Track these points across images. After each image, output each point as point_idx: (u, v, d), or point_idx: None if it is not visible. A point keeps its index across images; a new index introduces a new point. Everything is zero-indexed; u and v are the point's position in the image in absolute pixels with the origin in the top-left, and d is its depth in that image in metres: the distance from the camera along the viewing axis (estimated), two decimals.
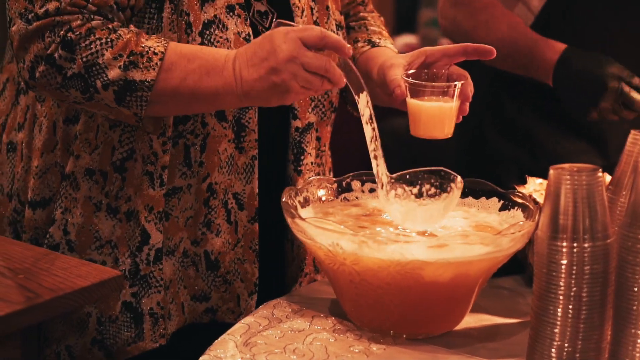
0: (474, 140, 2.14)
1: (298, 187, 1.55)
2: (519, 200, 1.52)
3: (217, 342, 1.39)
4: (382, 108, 1.67)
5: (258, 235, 1.63)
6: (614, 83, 1.90)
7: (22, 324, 1.37)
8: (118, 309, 1.57)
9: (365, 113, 1.51)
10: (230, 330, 1.42)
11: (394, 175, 1.55)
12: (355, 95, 1.50)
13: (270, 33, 1.44)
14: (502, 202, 1.55)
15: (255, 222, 1.62)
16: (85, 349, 1.59)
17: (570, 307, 1.20)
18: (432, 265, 1.35)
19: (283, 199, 1.47)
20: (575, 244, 1.19)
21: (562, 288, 1.20)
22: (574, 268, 1.19)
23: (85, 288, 1.42)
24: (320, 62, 1.43)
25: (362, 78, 1.51)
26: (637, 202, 1.20)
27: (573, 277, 1.19)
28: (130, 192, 1.56)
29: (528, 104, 2.09)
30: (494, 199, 1.56)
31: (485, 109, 2.10)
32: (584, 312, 1.20)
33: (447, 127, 1.54)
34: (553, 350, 1.22)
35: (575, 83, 1.95)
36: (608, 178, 1.50)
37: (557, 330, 1.21)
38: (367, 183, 1.61)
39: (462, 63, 1.60)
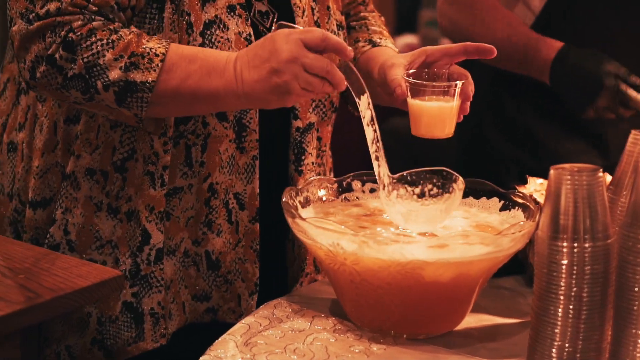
0: (474, 140, 2.14)
1: (298, 187, 1.55)
2: (520, 201, 1.52)
3: (217, 342, 1.39)
4: (383, 108, 1.67)
5: (259, 235, 1.63)
6: (611, 81, 1.90)
7: (22, 324, 1.37)
8: (118, 309, 1.57)
9: (367, 115, 1.51)
10: (231, 330, 1.42)
11: (396, 176, 1.55)
12: (356, 98, 1.50)
13: (272, 35, 1.44)
14: (502, 202, 1.55)
15: (256, 222, 1.62)
16: (85, 349, 1.59)
17: (571, 307, 1.20)
18: (432, 265, 1.34)
19: (283, 199, 1.47)
20: (576, 244, 1.19)
21: (562, 288, 1.20)
22: (575, 268, 1.19)
23: (86, 288, 1.41)
24: (322, 63, 1.43)
25: (363, 80, 1.51)
26: (637, 202, 1.20)
27: (573, 277, 1.19)
28: (131, 192, 1.56)
29: (528, 104, 2.09)
30: (495, 199, 1.56)
31: (486, 108, 2.10)
32: (585, 312, 1.20)
33: (448, 126, 1.54)
34: (553, 351, 1.22)
35: (572, 81, 1.95)
36: (609, 178, 1.50)
37: (557, 331, 1.21)
38: (367, 183, 1.61)
39: (462, 62, 1.60)
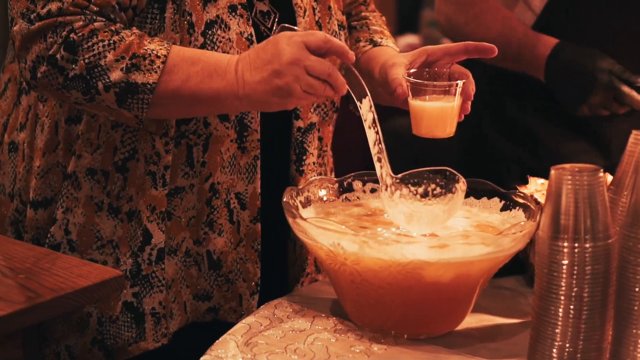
0: (475, 140, 2.14)
1: (299, 187, 1.55)
2: (521, 201, 1.52)
3: (218, 342, 1.39)
4: (384, 108, 1.67)
5: (260, 235, 1.63)
6: (605, 77, 1.90)
7: (23, 324, 1.37)
8: (118, 309, 1.57)
9: (368, 118, 1.51)
10: (232, 330, 1.42)
11: (399, 176, 1.55)
12: (358, 102, 1.50)
13: (274, 37, 1.45)
14: (503, 202, 1.55)
15: (258, 222, 1.62)
16: (85, 349, 1.59)
17: (572, 307, 1.20)
18: (433, 266, 1.34)
19: (284, 199, 1.47)
20: (577, 244, 1.19)
21: (563, 288, 1.20)
22: (575, 268, 1.19)
23: (86, 288, 1.42)
24: (324, 66, 1.43)
25: (364, 83, 1.51)
26: (638, 202, 1.20)
27: (574, 277, 1.19)
28: (132, 192, 1.56)
29: (529, 103, 2.09)
30: (496, 199, 1.56)
31: (487, 108, 2.10)
32: (585, 312, 1.20)
33: (449, 126, 1.54)
34: (554, 351, 1.21)
35: (566, 77, 1.95)
36: (610, 178, 1.50)
37: (558, 331, 1.21)
38: (368, 183, 1.61)
39: (463, 62, 1.60)
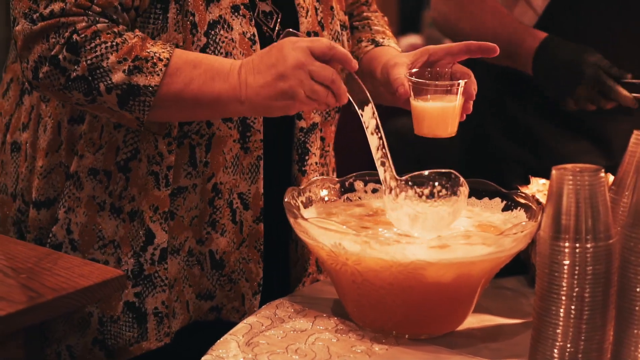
0: (477, 139, 2.13)
1: (301, 187, 1.55)
2: (522, 201, 1.52)
3: (219, 342, 1.39)
4: (386, 108, 1.67)
5: (263, 235, 1.63)
6: (591, 70, 1.90)
7: (24, 324, 1.37)
8: (120, 309, 1.57)
9: (371, 124, 1.51)
10: (233, 330, 1.42)
11: (403, 178, 1.54)
12: (359, 110, 1.51)
13: (279, 42, 1.46)
14: (505, 202, 1.55)
15: (260, 222, 1.62)
16: (86, 349, 1.59)
17: (573, 307, 1.20)
18: (434, 266, 1.34)
19: (285, 199, 1.47)
20: (578, 245, 1.19)
21: (564, 288, 1.20)
22: (577, 268, 1.19)
23: (88, 288, 1.42)
24: (327, 72, 1.44)
25: (366, 87, 1.51)
26: (639, 202, 1.20)
27: (575, 277, 1.19)
28: (134, 192, 1.57)
29: (531, 103, 2.08)
30: (497, 199, 1.56)
31: (488, 108, 2.10)
32: (586, 312, 1.20)
33: (450, 125, 1.54)
34: (555, 351, 1.21)
35: (553, 69, 1.95)
36: (611, 178, 1.50)
37: (559, 331, 1.21)
38: (370, 183, 1.61)
39: (465, 61, 1.60)
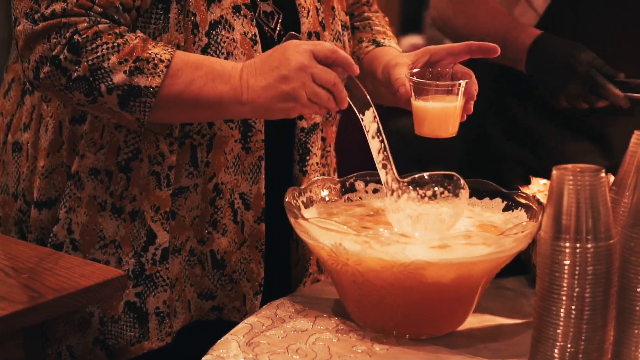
0: (478, 139, 2.14)
1: (301, 187, 1.55)
2: (523, 201, 1.52)
3: (220, 342, 1.39)
4: (387, 108, 1.67)
5: (264, 236, 1.63)
6: (583, 68, 1.90)
7: (25, 324, 1.37)
8: (121, 309, 1.58)
9: (372, 128, 1.51)
10: (233, 330, 1.43)
11: (406, 180, 1.54)
12: (360, 114, 1.51)
13: (282, 45, 1.46)
14: (505, 202, 1.55)
15: (262, 222, 1.63)
16: (87, 349, 1.59)
17: (573, 307, 1.20)
18: (434, 266, 1.34)
19: (286, 199, 1.47)
20: (578, 245, 1.19)
21: (564, 289, 1.20)
22: (577, 269, 1.19)
23: (89, 288, 1.42)
24: (329, 76, 1.45)
25: (367, 94, 1.52)
26: (639, 202, 1.20)
27: (576, 277, 1.19)
28: (135, 192, 1.57)
29: (531, 103, 2.08)
30: (498, 200, 1.56)
31: (489, 108, 2.10)
32: (587, 312, 1.20)
33: (451, 126, 1.54)
34: (556, 351, 1.21)
35: (546, 65, 1.95)
36: (612, 179, 1.50)
37: (559, 331, 1.21)
38: (370, 183, 1.61)
39: (466, 61, 1.60)
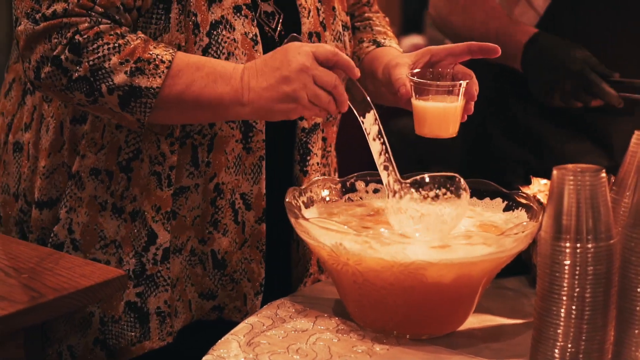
0: (479, 139, 2.14)
1: (302, 187, 1.55)
2: (523, 201, 1.52)
3: (220, 341, 1.39)
4: (387, 108, 1.67)
5: (265, 236, 1.63)
6: (577, 66, 1.90)
7: (25, 323, 1.38)
8: (121, 309, 1.58)
9: (373, 130, 1.51)
10: (234, 330, 1.43)
11: (408, 181, 1.54)
12: (360, 117, 1.51)
13: (284, 47, 1.47)
14: (506, 202, 1.55)
15: (263, 222, 1.63)
16: (87, 349, 1.59)
17: (574, 307, 1.20)
18: (435, 266, 1.34)
19: (287, 199, 1.47)
20: (579, 245, 1.19)
21: (565, 289, 1.20)
22: (577, 269, 1.19)
23: (89, 288, 1.42)
24: (330, 78, 1.45)
25: (368, 97, 1.52)
26: None
27: (576, 277, 1.19)
28: (136, 192, 1.57)
29: (533, 104, 2.08)
30: (498, 200, 1.56)
31: (489, 108, 2.10)
32: (587, 312, 1.20)
33: (452, 126, 1.54)
34: (556, 351, 1.21)
35: (540, 63, 1.95)
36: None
37: (560, 331, 1.21)
38: (371, 183, 1.61)
39: (467, 62, 1.60)
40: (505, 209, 1.55)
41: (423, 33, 4.98)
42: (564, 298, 1.20)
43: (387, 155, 1.52)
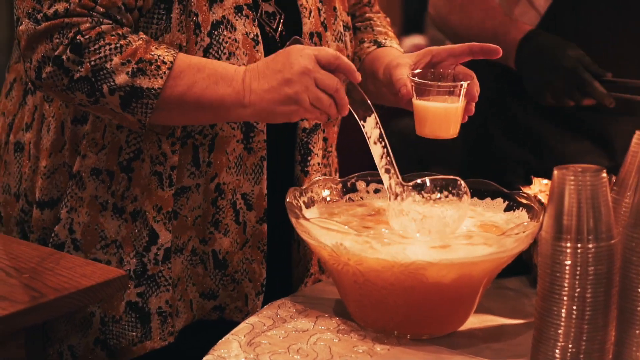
0: (480, 139, 2.14)
1: (303, 187, 1.55)
2: (524, 201, 1.52)
3: (221, 341, 1.39)
4: (388, 109, 1.67)
5: (266, 236, 1.63)
6: (570, 64, 1.90)
7: (26, 323, 1.38)
8: (122, 309, 1.58)
9: (374, 134, 1.51)
10: (235, 330, 1.43)
11: (410, 184, 1.54)
12: (361, 121, 1.51)
13: (286, 49, 1.47)
14: (507, 202, 1.55)
15: (264, 222, 1.63)
16: (88, 349, 1.59)
17: (574, 307, 1.20)
18: (435, 266, 1.34)
19: (287, 200, 1.47)
20: (579, 245, 1.19)
21: (566, 289, 1.20)
22: (578, 269, 1.19)
23: (90, 288, 1.42)
24: (332, 81, 1.45)
25: (369, 101, 1.52)
26: None
27: (577, 277, 1.19)
28: (137, 192, 1.57)
29: (532, 104, 2.08)
30: (499, 200, 1.56)
31: (490, 108, 2.10)
32: (588, 313, 1.20)
33: (452, 127, 1.54)
34: (557, 351, 1.21)
35: (534, 61, 1.95)
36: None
37: (561, 331, 1.21)
38: (372, 183, 1.61)
39: (468, 63, 1.60)
40: (506, 209, 1.55)
41: (424, 33, 4.98)
42: (565, 298, 1.20)
43: (388, 159, 1.52)
